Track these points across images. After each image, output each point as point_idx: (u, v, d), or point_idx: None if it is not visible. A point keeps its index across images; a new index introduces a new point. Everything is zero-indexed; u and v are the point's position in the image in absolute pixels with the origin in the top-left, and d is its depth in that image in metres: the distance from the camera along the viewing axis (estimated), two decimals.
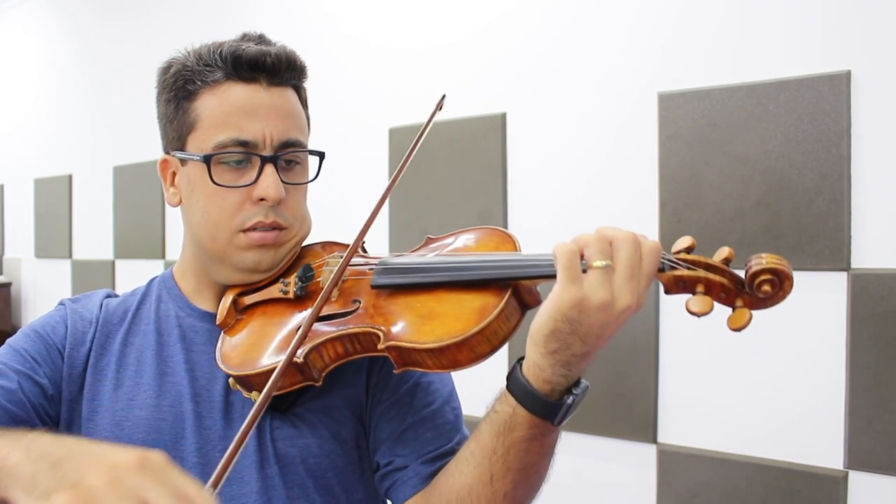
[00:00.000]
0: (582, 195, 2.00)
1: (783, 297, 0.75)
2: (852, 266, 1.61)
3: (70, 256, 3.72)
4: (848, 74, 1.60)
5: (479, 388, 0.84)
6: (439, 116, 1.01)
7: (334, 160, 1.01)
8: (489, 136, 2.16)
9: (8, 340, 0.99)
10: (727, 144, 1.75)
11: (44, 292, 3.95)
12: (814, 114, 1.63)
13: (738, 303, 0.76)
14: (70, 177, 3.73)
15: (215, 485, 0.67)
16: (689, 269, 0.77)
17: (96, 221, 3.52)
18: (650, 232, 1.85)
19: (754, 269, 0.75)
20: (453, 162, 2.22)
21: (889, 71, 1.57)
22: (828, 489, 1.62)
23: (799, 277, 1.80)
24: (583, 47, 2.01)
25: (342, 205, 2.53)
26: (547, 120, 2.07)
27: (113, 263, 3.45)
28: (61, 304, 1.05)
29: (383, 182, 2.40)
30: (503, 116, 2.14)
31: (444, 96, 1.02)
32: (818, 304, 1.63)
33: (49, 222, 3.86)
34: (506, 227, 2.13)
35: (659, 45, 1.87)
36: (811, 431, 1.66)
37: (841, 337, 1.62)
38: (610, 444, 1.94)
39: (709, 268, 0.77)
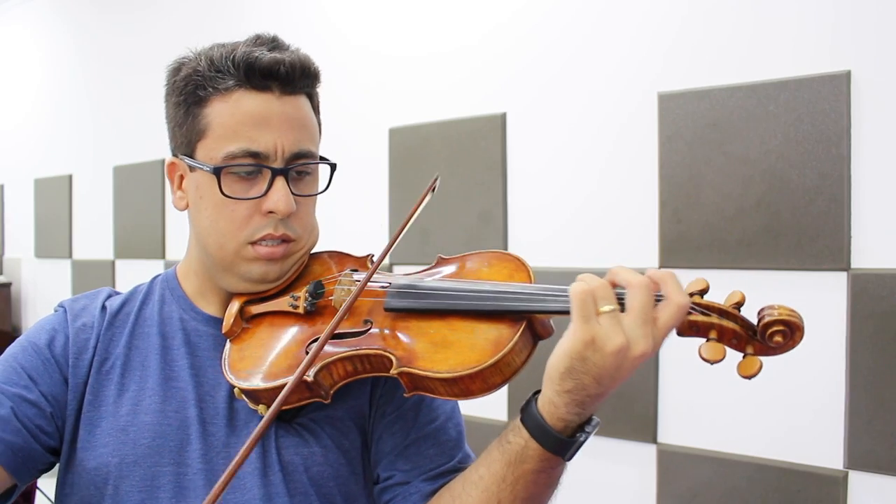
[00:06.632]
0: (582, 195, 2.00)
1: (793, 347, 0.76)
2: (852, 266, 1.61)
3: (70, 256, 3.72)
4: (848, 74, 1.60)
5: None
6: (440, 116, 1.01)
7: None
8: (489, 136, 2.16)
9: (5, 353, 0.97)
10: (727, 144, 1.74)
11: (44, 292, 3.95)
12: (814, 114, 1.63)
13: (749, 349, 0.77)
14: (70, 177, 3.73)
15: (213, 501, 0.69)
16: (703, 314, 0.78)
17: (96, 221, 3.52)
18: (650, 232, 1.86)
19: (766, 319, 0.76)
20: (453, 162, 2.22)
21: (889, 71, 1.57)
22: (828, 489, 1.62)
23: (799, 277, 1.79)
24: (583, 48, 2.01)
25: (342, 204, 2.53)
26: (547, 120, 2.07)
27: (113, 263, 3.45)
28: (61, 306, 1.02)
29: (383, 182, 2.40)
30: (503, 117, 2.14)
31: (437, 177, 1.00)
32: (818, 304, 1.63)
33: (49, 222, 3.85)
34: (506, 228, 2.14)
35: (659, 45, 1.87)
36: (811, 431, 1.66)
37: (841, 337, 1.62)
38: (610, 444, 1.94)
39: (722, 313, 0.78)
